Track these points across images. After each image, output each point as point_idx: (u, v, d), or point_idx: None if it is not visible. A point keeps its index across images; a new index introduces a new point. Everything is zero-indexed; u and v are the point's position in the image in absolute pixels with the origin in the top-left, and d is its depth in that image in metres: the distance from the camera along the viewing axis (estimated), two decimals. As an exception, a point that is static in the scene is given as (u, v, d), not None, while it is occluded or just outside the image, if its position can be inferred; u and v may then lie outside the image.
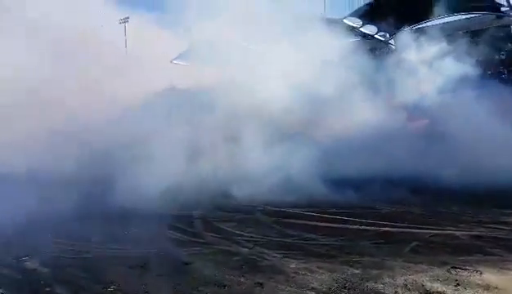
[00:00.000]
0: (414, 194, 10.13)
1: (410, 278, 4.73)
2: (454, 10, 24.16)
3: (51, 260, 5.82)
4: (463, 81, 16.36)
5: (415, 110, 17.17)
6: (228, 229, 7.48)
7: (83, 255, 6.15)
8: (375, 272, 4.95)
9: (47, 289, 4.73)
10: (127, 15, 44.46)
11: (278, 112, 16.28)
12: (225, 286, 4.66)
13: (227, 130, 15.33)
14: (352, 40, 26.57)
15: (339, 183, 12.68)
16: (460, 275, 4.74)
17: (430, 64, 17.52)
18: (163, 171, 13.61)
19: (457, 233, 6.64)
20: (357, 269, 5.09)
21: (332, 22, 25.97)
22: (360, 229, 7.20)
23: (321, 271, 5.05)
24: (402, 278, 4.74)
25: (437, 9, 22.87)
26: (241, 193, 11.46)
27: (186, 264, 5.51)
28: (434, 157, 13.04)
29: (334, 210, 8.77)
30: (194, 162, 14.22)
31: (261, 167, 14.31)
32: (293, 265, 5.29)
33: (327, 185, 12.37)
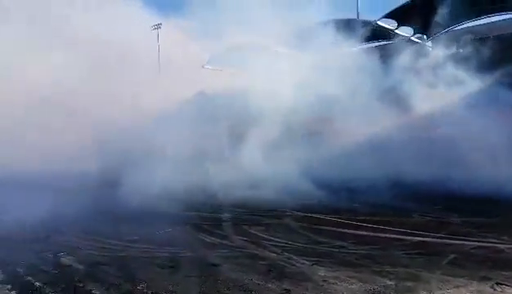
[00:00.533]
0: (450, 202, 9.72)
1: (448, 292, 4.49)
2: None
3: (85, 257, 6.02)
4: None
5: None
6: (256, 233, 7.45)
7: (116, 253, 6.29)
8: (409, 284, 4.74)
9: (80, 285, 4.87)
10: (159, 22, 45.62)
11: (303, 116, 16.29)
12: (251, 291, 4.62)
13: (253, 133, 15.47)
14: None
15: (366, 188, 12.45)
16: (507, 293, 4.45)
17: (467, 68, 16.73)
18: (192, 174, 13.88)
19: (501, 246, 6.26)
20: (390, 280, 4.89)
21: (366, 24, 25.50)
22: (392, 238, 6.95)
23: (351, 280, 4.90)
24: (440, 292, 4.51)
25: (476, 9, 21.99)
26: (267, 196, 11.47)
27: (214, 266, 5.52)
28: (471, 164, 12.51)
29: (364, 217, 8.54)
30: (220, 166, 14.40)
31: (287, 170, 14.33)
32: (322, 273, 5.17)
33: (354, 191, 12.20)
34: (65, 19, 18.11)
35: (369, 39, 26.39)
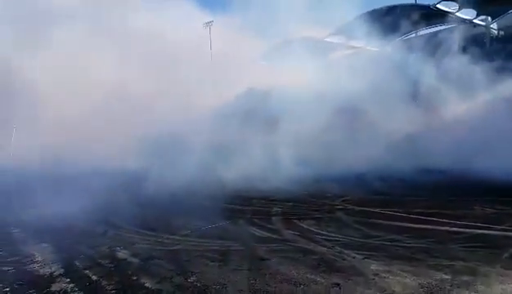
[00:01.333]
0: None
1: (510, 287, 4.13)
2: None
3: (139, 252, 6.26)
4: None
5: None
6: (307, 227, 7.34)
7: (169, 247, 6.48)
8: (466, 278, 4.44)
9: (134, 278, 5.06)
10: (211, 19, 46.58)
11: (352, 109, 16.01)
12: (300, 284, 4.55)
13: (303, 128, 15.38)
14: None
15: (418, 181, 11.95)
16: None
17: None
18: (243, 169, 14.08)
19: None
20: (447, 274, 4.61)
21: (423, 9, 24.17)
22: (450, 231, 6.55)
23: (404, 274, 4.67)
24: (499, 286, 4.18)
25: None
26: (313, 190, 11.35)
27: (263, 260, 5.51)
28: None
29: (420, 210, 8.13)
30: (272, 160, 14.45)
31: (342, 163, 14.11)
32: (373, 267, 4.97)
33: (411, 183, 11.75)
34: (121, 19, 19.02)
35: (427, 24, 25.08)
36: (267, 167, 13.92)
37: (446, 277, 4.52)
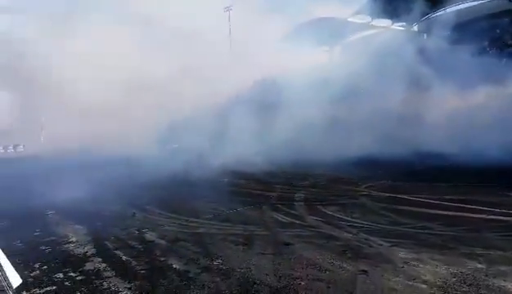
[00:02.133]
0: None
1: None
2: None
3: (166, 234, 6.38)
4: None
5: None
6: (331, 213, 7.24)
7: (194, 230, 6.57)
8: (503, 268, 4.24)
9: (162, 259, 5.17)
10: (231, 4, 46.25)
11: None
12: (326, 270, 4.49)
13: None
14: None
15: (450, 167, 11.62)
16: None
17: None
18: (269, 154, 14.13)
19: None
20: (481, 263, 4.43)
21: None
22: (486, 219, 6.29)
23: (435, 263, 4.52)
24: (539, 277, 3.97)
25: None
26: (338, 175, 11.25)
27: (287, 245, 5.48)
28: None
29: (452, 197, 7.85)
30: (299, 146, 14.44)
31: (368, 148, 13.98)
32: (402, 255, 4.85)
33: (433, 168, 11.52)
34: (142, 5, 19.33)
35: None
36: (286, 152, 13.95)
37: (481, 266, 4.35)
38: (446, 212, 6.90)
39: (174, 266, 4.86)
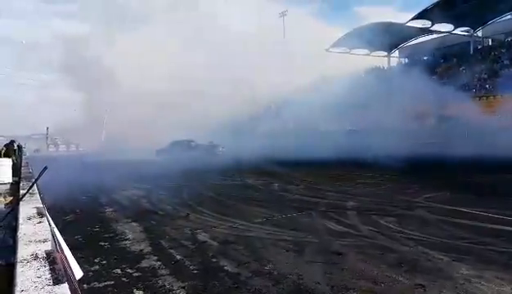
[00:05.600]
0: None
1: None
2: None
3: (218, 235, 6.51)
4: None
5: None
6: (386, 224, 7.00)
7: (245, 233, 6.65)
8: None
9: (214, 260, 5.27)
10: (286, 9, 47.06)
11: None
12: (381, 283, 4.35)
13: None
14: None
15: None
16: None
17: None
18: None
19: None
20: (551, 284, 4.07)
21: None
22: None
23: (499, 281, 4.22)
24: None
25: None
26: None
27: (339, 254, 5.38)
28: None
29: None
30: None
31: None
32: (463, 271, 4.57)
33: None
34: (197, 13, 20.41)
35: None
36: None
37: (550, 287, 4.00)
38: (510, 228, 6.42)
39: (226, 268, 4.94)
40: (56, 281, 1.54)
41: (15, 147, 14.65)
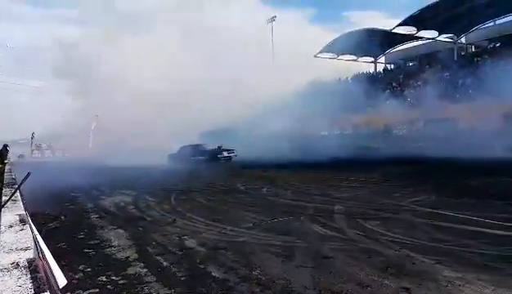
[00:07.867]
0: None
1: None
2: None
3: (206, 241, 6.48)
4: None
5: None
6: (372, 227, 7.07)
7: (233, 239, 6.63)
8: (558, 293, 3.97)
9: (201, 266, 5.25)
10: (274, 15, 47.45)
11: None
12: (367, 286, 4.39)
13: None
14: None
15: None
16: None
17: None
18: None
19: None
20: (532, 285, 4.16)
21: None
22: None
23: (481, 283, 4.30)
24: None
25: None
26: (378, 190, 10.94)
27: (327, 258, 5.41)
28: None
29: (505, 215, 7.43)
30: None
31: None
32: (446, 273, 4.64)
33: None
34: (188, 19, 20.74)
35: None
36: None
37: (531, 288, 4.09)
38: (494, 231, 6.53)
39: (213, 274, 4.91)
40: (38, 290, 1.52)
41: (8, 152, 14.38)
